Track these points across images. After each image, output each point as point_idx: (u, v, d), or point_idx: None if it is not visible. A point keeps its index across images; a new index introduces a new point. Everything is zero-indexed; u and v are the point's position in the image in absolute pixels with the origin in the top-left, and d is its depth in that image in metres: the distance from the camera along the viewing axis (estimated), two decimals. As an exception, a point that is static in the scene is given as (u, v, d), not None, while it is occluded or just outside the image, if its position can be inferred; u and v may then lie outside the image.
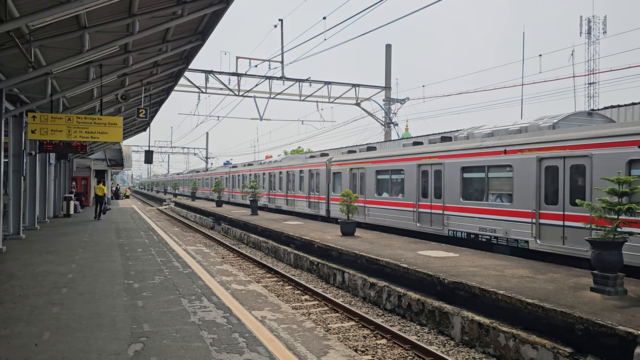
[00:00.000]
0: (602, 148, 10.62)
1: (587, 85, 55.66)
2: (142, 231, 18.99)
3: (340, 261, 14.14)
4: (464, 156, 14.59)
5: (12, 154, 15.80)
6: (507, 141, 13.21)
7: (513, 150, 12.89)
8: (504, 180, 13.34)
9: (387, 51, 31.15)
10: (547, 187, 12.00)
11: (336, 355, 7.04)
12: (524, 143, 12.65)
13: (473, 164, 14.28)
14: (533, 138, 12.47)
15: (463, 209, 14.55)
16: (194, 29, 13.54)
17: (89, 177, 38.73)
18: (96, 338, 6.00)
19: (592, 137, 10.91)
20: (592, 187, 10.71)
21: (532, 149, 12.35)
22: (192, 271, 10.67)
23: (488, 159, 13.70)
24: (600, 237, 8.30)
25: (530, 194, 12.32)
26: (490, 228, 13.54)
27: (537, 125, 13.13)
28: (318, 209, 24.33)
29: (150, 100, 21.10)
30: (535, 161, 12.21)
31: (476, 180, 14.31)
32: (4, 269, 10.20)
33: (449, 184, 15.09)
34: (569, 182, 11.44)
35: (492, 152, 13.55)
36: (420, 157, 16.56)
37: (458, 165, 14.77)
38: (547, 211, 11.89)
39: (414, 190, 16.68)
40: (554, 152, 11.75)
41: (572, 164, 11.34)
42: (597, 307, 7.39)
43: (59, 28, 10.81)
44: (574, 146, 11.28)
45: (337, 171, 22.42)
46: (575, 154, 11.21)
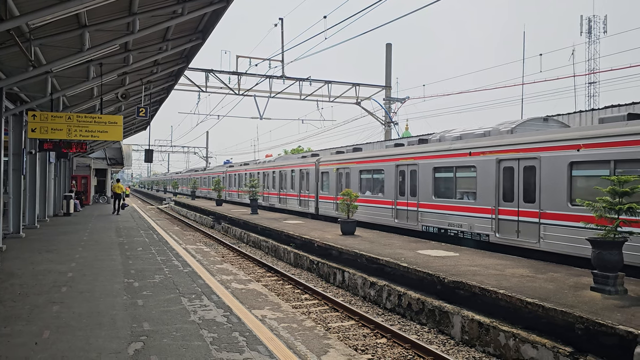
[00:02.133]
0: (549, 151, 11.76)
1: (588, 85, 55.67)
2: (142, 230, 18.98)
3: (340, 260, 14.14)
4: (436, 157, 15.77)
5: (12, 152, 15.79)
6: (472, 144, 14.36)
7: (477, 153, 14.06)
8: (469, 180, 14.47)
9: (387, 50, 31.14)
10: (504, 186, 13.13)
11: (336, 354, 7.03)
12: (485, 146, 13.82)
13: (443, 164, 15.49)
14: (493, 141, 13.62)
15: (435, 206, 15.73)
16: (194, 28, 13.53)
17: (89, 175, 38.73)
18: (96, 337, 5.99)
19: (541, 141, 12.06)
20: (541, 186, 11.90)
21: (493, 151, 13.51)
22: (192, 270, 10.67)
23: (456, 160, 14.91)
24: (600, 236, 8.30)
25: (491, 192, 13.47)
26: (458, 223, 14.73)
27: (498, 130, 14.30)
28: (308, 207, 25.30)
29: (151, 99, 21.09)
30: (495, 162, 13.36)
31: (446, 180, 15.48)
32: (4, 267, 10.20)
33: (423, 183, 16.25)
34: (523, 182, 12.57)
35: (459, 154, 14.75)
36: (398, 158, 17.76)
37: (430, 165, 15.94)
38: (505, 208, 13.07)
39: (393, 189, 17.82)
40: (510, 155, 12.94)
41: (525, 165, 12.48)
42: (597, 307, 7.39)
43: (59, 27, 10.80)
44: (526, 149, 12.42)
45: (325, 171, 23.45)
46: (528, 156, 12.37)
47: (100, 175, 43.35)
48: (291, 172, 27.60)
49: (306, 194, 25.60)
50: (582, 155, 10.98)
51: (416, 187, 16.59)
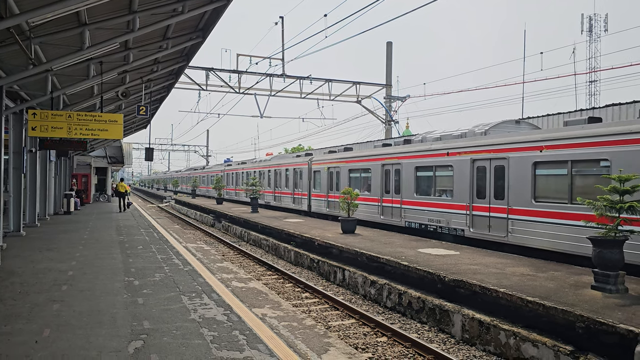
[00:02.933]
0: (516, 152, 12.69)
1: (588, 83, 55.61)
2: (142, 228, 18.98)
3: (340, 259, 14.14)
4: (417, 157, 16.75)
5: (12, 151, 15.78)
6: (449, 145, 15.36)
7: (453, 153, 15.00)
8: (447, 178, 15.42)
9: (387, 49, 31.09)
10: (478, 184, 14.02)
11: (337, 353, 7.03)
12: (461, 147, 14.75)
13: (424, 164, 16.45)
14: (468, 142, 14.57)
15: (416, 203, 16.72)
16: (195, 26, 13.50)
17: (90, 174, 38.73)
18: (96, 335, 5.99)
19: (510, 142, 13.00)
20: (509, 184, 12.88)
21: (467, 151, 14.44)
22: (192, 268, 10.67)
23: (435, 160, 15.89)
24: (601, 235, 8.29)
25: (466, 189, 14.39)
26: (436, 219, 15.69)
27: (473, 132, 15.20)
28: (301, 204, 26.26)
29: (151, 98, 21.06)
30: (470, 162, 14.25)
31: (426, 178, 16.43)
32: (5, 266, 10.20)
33: (406, 181, 17.18)
34: (494, 180, 13.47)
35: (438, 154, 15.74)
36: (383, 158, 18.71)
37: (412, 165, 16.92)
38: (478, 204, 13.98)
39: (379, 187, 18.78)
40: (483, 155, 13.83)
41: (496, 165, 13.38)
42: (598, 305, 7.38)
43: (59, 25, 10.78)
44: (497, 150, 13.36)
45: (317, 170, 24.36)
46: (498, 156, 13.31)
47: (101, 174, 43.35)
48: (285, 171, 28.49)
49: (299, 192, 26.48)
50: (544, 155, 11.91)
51: (400, 185, 17.53)
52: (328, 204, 22.77)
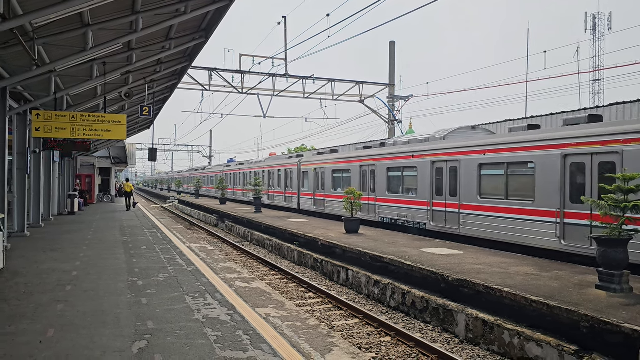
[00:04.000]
0: (466, 155, 14.42)
1: (592, 82, 55.43)
2: (146, 229, 19.02)
3: (344, 259, 14.13)
4: (389, 159, 18.50)
5: (16, 151, 15.82)
6: (414, 148, 17.18)
7: (418, 155, 16.77)
8: (412, 178, 17.15)
9: (390, 48, 31.05)
10: (437, 183, 15.72)
11: (340, 353, 7.02)
12: (423, 150, 16.54)
13: (394, 165, 18.18)
14: (429, 146, 16.37)
15: (388, 200, 18.40)
16: (197, 27, 13.52)
17: (93, 174, 38.81)
18: (100, 335, 6.00)
19: (461, 147, 14.76)
20: (460, 183, 14.55)
21: (428, 154, 16.20)
22: (196, 269, 10.68)
23: (403, 162, 17.63)
24: (605, 234, 8.25)
25: (427, 188, 16.11)
26: (404, 214, 17.47)
27: (435, 137, 17.07)
28: (291, 203, 28.06)
29: (154, 98, 21.12)
30: (430, 164, 15.99)
31: (396, 178, 18.10)
32: (9, 266, 10.23)
33: (380, 181, 18.92)
34: (449, 179, 15.17)
35: (406, 157, 17.52)
36: (361, 160, 20.52)
37: (385, 166, 18.68)
38: (437, 201, 15.73)
39: (357, 186, 20.14)
40: (440, 157, 15.57)
41: (450, 166, 15.14)
42: (603, 305, 7.35)
43: (63, 26, 10.82)
44: (451, 153, 15.06)
45: (306, 170, 26.12)
46: (452, 159, 15.01)
47: (104, 174, 43.43)
48: (278, 172, 30.32)
49: (290, 191, 28.31)
50: (487, 158, 13.67)
51: (375, 184, 19.28)
52: (315, 202, 24.78)
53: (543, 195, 11.86)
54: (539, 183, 11.99)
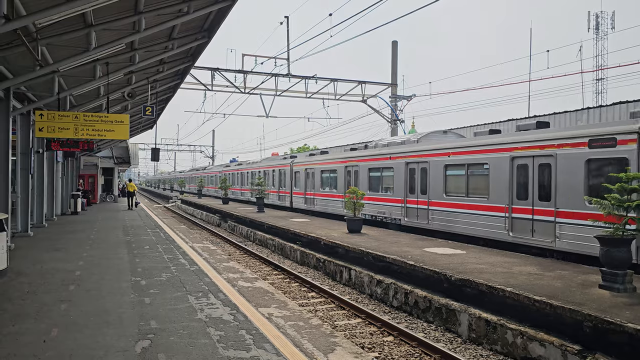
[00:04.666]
0: (434, 157, 16.07)
1: (595, 82, 55.28)
2: (149, 229, 19.05)
3: (346, 258, 14.13)
4: (370, 160, 20.09)
5: (19, 152, 15.87)
6: (391, 150, 18.67)
7: (394, 157, 18.31)
8: (389, 178, 18.62)
9: (393, 48, 31.03)
10: (410, 182, 17.34)
11: (343, 352, 7.02)
12: (399, 152, 18.09)
13: (374, 166, 19.76)
14: (404, 149, 17.92)
15: (369, 198, 19.44)
16: (200, 27, 13.54)
17: (96, 174, 38.89)
18: (104, 335, 6.02)
19: (430, 149, 16.43)
20: (429, 182, 16.19)
21: (403, 156, 17.74)
22: (198, 268, 10.69)
23: (382, 163, 19.21)
24: (608, 233, 8.24)
25: (402, 187, 17.69)
26: (382, 211, 19.01)
27: (409, 140, 18.79)
28: (284, 201, 29.78)
29: (157, 98, 21.12)
30: (404, 164, 17.58)
31: (376, 178, 19.61)
32: (13, 266, 10.27)
33: (362, 180, 20.44)
34: (420, 179, 16.80)
35: (384, 158, 19.05)
36: (346, 161, 22.14)
37: (366, 167, 20.25)
38: (410, 198, 17.34)
39: (343, 186, 21.85)
40: (413, 159, 17.23)
41: (422, 167, 16.73)
42: (606, 305, 7.34)
43: (66, 26, 10.84)
44: (422, 155, 16.70)
45: (297, 170, 27.77)
46: (422, 160, 16.65)
47: (107, 174, 43.50)
48: (272, 172, 32.06)
49: (283, 190, 30.06)
50: (451, 159, 15.22)
51: (357, 184, 20.74)
52: (305, 201, 26.41)
53: (495, 192, 13.47)
54: (492, 182, 13.61)
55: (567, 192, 11.30)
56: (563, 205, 11.36)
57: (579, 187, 11.01)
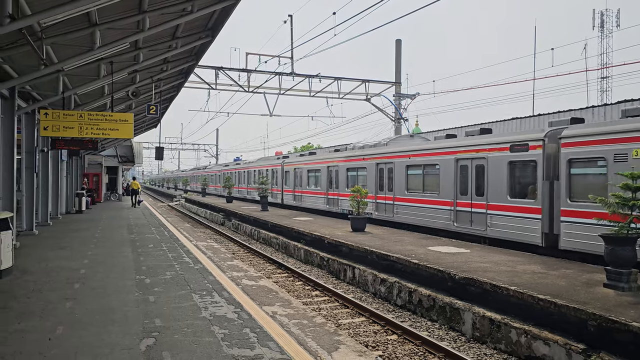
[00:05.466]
0: (398, 158, 18.39)
1: (600, 80, 55.04)
2: (153, 227, 19.11)
3: (350, 257, 14.14)
4: (348, 161, 22.60)
5: (24, 150, 15.94)
6: (365, 152, 21.18)
7: (367, 158, 20.70)
8: (363, 177, 21.03)
9: (397, 46, 30.98)
10: (380, 180, 19.61)
11: (347, 351, 7.03)
12: (371, 154, 20.52)
13: (351, 166, 22.26)
14: (375, 151, 20.37)
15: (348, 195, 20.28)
16: (204, 25, 13.55)
17: (101, 173, 39.01)
18: (109, 333, 6.04)
19: (395, 152, 18.70)
20: (394, 180, 18.46)
21: (374, 157, 20.12)
22: (202, 267, 10.72)
23: (357, 163, 21.69)
24: (613, 232, 8.21)
25: (373, 184, 19.92)
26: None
27: (380, 143, 21.07)
28: (276, 198, 32.20)
29: (161, 97, 21.17)
30: (375, 165, 19.92)
31: (353, 177, 21.96)
32: (18, 264, 10.31)
33: (342, 179, 22.80)
34: (387, 178, 19.03)
35: (359, 159, 21.49)
36: (328, 162, 24.51)
37: (345, 167, 22.76)
38: (380, 195, 19.63)
39: (325, 183, 24.35)
40: (382, 160, 19.54)
41: (389, 167, 19.04)
42: (611, 304, 7.32)
43: (70, 25, 10.87)
44: (389, 157, 19.02)
45: (288, 170, 30.23)
46: (389, 161, 18.98)
47: (112, 173, 43.62)
48: (266, 171, 34.55)
49: (275, 188, 32.40)
50: (411, 161, 17.62)
51: (338, 182, 23.15)
52: (294, 198, 28.83)
53: (444, 189, 15.71)
54: (441, 180, 15.86)
55: (495, 188, 13.62)
56: (492, 200, 13.74)
57: (503, 184, 13.34)
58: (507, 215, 13.20)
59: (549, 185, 12.10)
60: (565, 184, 11.51)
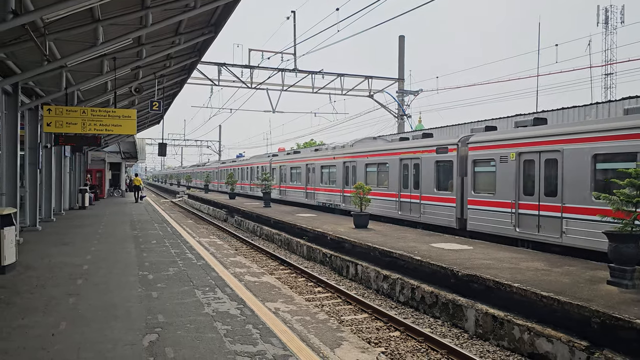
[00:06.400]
0: (360, 158, 21.44)
1: (604, 76, 54.78)
2: (156, 223, 19.14)
3: (353, 253, 14.13)
4: (321, 160, 25.66)
5: (28, 146, 15.97)
6: (335, 152, 24.16)
7: (337, 157, 23.75)
8: (334, 173, 23.96)
9: (400, 43, 30.94)
10: (347, 176, 22.61)
11: (350, 347, 7.03)
12: (339, 153, 23.58)
13: (324, 164, 25.19)
14: (342, 151, 23.40)
15: (322, 189, 25.39)
16: (207, 21, 13.53)
17: (104, 169, 39.06)
18: (112, 328, 6.06)
19: (357, 152, 21.79)
20: (356, 176, 21.38)
21: (341, 157, 23.25)
22: (205, 263, 10.73)
23: (329, 162, 24.69)
24: (617, 229, 8.18)
25: (341, 180, 23.08)
26: (329, 199, 24.52)
27: (347, 144, 23.90)
28: None
29: (164, 93, 21.20)
30: (342, 163, 22.98)
31: (326, 173, 24.81)
32: (21, 260, 10.34)
33: (318, 175, 25.55)
34: (351, 174, 22.11)
35: (330, 158, 24.51)
36: (306, 160, 27.76)
37: (320, 164, 25.76)
38: (346, 189, 22.40)
39: (305, 179, 27.30)
40: (347, 159, 22.63)
41: (352, 165, 22.13)
42: (614, 301, 7.30)
43: (73, 21, 10.86)
44: (352, 156, 22.15)
45: (274, 167, 33.43)
46: (353, 160, 22.06)
47: (115, 169, 43.68)
48: (257, 168, 37.72)
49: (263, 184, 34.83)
50: (369, 160, 20.65)
51: (314, 178, 26.15)
52: (280, 192, 31.79)
53: (392, 184, 18.80)
54: (390, 176, 18.95)
55: (426, 182, 16.78)
56: (424, 192, 16.84)
57: (432, 179, 16.50)
58: (434, 204, 16.36)
59: (461, 180, 15.21)
60: (471, 179, 14.69)
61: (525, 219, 12.67)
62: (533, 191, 12.51)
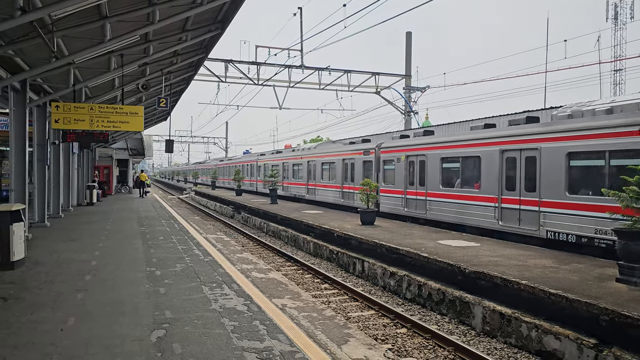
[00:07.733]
0: (318, 158, 26.07)
1: (613, 72, 54.33)
2: (163, 219, 19.21)
3: (360, 250, 14.12)
4: (293, 159, 30.12)
5: (36, 143, 16.04)
6: (302, 153, 28.54)
7: (304, 157, 28.27)
8: (302, 170, 28.40)
9: (407, 39, 30.79)
10: (308, 173, 27.41)
11: (356, 344, 7.04)
12: (305, 155, 28.25)
13: (295, 162, 29.62)
14: (307, 152, 27.83)
15: (292, 183, 30.34)
16: (214, 18, 13.52)
17: (111, 166, 39.24)
18: (119, 324, 6.09)
19: (317, 153, 26.39)
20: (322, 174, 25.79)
21: (306, 157, 27.81)
22: (212, 259, 10.76)
23: (298, 161, 29.25)
24: (627, 227, 8.11)
25: (305, 175, 27.78)
26: (298, 192, 29.00)
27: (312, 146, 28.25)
28: (253, 187, 40.30)
29: (171, 90, 21.22)
30: (307, 162, 27.59)
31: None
32: (30, 255, 10.42)
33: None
34: (314, 171, 26.61)
35: (299, 158, 29.21)
36: (282, 159, 32.17)
37: (291, 163, 30.39)
38: (309, 183, 27.26)
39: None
40: (310, 159, 27.04)
41: (314, 163, 26.73)
42: (623, 298, 7.24)
43: (81, 18, 10.89)
44: (314, 157, 26.70)
45: (260, 165, 38.03)
46: (314, 160, 26.57)
47: (122, 166, 43.87)
48: (247, 165, 42.81)
49: (253, 179, 40.89)
50: (324, 160, 25.26)
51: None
52: (264, 186, 34.85)
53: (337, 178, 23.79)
54: (336, 172, 23.86)
55: (358, 177, 21.20)
56: (357, 184, 20.39)
57: (360, 174, 21.27)
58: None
59: (376, 174, 20.16)
60: (382, 174, 19.93)
61: (410, 202, 18.01)
62: (414, 182, 17.81)
